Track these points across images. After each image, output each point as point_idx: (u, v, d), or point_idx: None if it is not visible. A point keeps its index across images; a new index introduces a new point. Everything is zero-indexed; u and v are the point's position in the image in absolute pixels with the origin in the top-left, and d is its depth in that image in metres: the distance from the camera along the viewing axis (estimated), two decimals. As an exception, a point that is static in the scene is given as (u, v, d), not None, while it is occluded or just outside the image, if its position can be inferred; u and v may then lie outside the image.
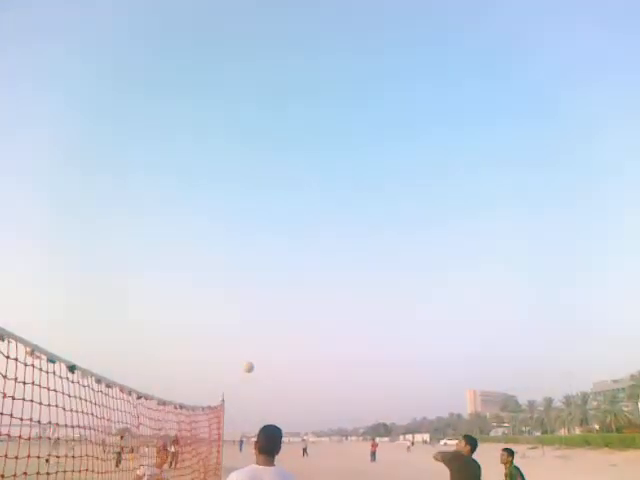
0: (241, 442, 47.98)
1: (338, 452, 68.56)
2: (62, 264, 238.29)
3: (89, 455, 5.01)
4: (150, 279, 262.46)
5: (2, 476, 4.28)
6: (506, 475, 7.95)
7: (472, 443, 6.86)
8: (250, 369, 11.25)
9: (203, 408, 10.16)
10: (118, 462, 11.65)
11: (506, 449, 8.29)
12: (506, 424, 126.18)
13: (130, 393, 5.82)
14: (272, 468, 3.84)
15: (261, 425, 4.01)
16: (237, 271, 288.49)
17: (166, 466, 8.54)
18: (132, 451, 8.79)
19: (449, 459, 6.83)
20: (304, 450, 56.25)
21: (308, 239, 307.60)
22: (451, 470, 6.70)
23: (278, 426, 4.02)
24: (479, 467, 6.73)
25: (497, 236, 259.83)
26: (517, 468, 7.98)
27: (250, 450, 4.20)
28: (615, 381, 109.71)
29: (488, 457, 9.41)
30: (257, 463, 3.84)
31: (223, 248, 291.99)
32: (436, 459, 7.02)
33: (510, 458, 8.03)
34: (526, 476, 8.05)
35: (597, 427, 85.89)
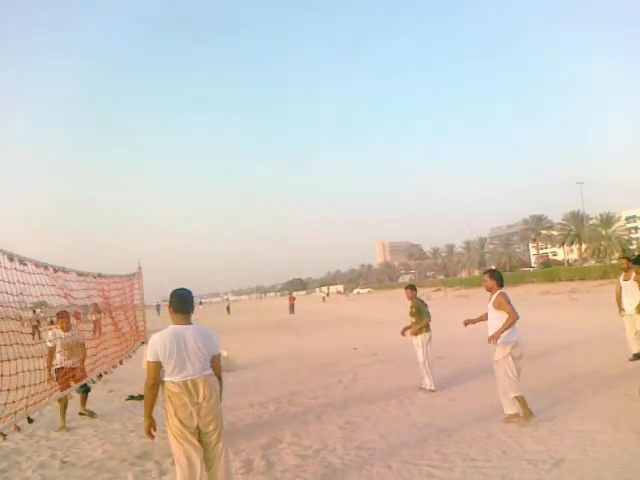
0: (158, 306, 49.07)
1: (259, 308, 72.10)
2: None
3: (10, 330, 4.98)
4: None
5: None
6: (412, 307, 8.73)
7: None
8: None
9: (121, 276, 10.15)
10: (34, 334, 11.74)
11: (408, 286, 9.03)
12: (413, 271, 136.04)
13: (47, 268, 5.67)
14: (191, 326, 4.03)
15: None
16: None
17: (89, 334, 8.76)
18: (52, 323, 8.81)
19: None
20: (228, 308, 58.58)
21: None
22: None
23: (187, 288, 4.18)
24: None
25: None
26: (421, 300, 8.82)
27: (167, 314, 4.28)
28: (510, 226, 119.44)
29: (402, 299, 10.20)
30: (175, 324, 4.02)
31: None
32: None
33: (414, 293, 8.84)
34: (431, 313, 8.79)
35: (494, 268, 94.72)
